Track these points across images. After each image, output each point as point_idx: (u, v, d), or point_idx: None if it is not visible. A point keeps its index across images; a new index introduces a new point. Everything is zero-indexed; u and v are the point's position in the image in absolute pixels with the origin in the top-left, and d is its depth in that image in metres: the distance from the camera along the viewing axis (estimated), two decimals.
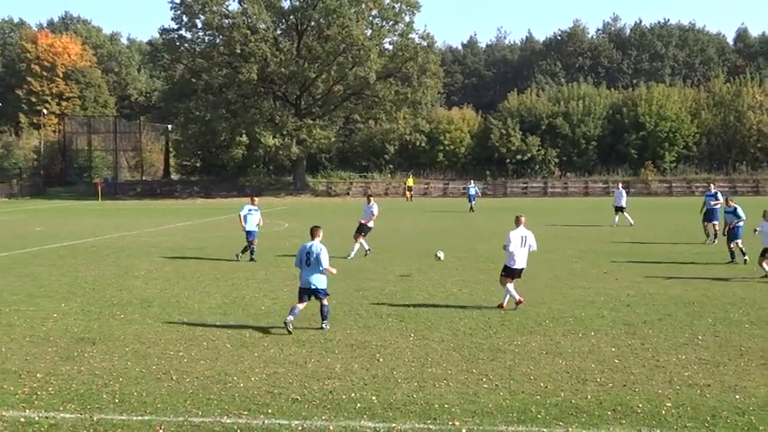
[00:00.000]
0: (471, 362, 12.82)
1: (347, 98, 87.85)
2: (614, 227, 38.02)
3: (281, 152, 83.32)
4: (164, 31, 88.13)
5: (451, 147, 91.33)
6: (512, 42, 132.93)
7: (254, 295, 19.21)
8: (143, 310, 17.41)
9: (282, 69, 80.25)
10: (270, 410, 10.43)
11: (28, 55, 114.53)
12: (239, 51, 79.66)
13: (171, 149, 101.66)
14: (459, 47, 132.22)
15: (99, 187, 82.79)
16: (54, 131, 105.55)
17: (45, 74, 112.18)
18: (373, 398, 10.91)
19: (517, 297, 17.23)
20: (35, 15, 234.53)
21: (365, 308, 17.53)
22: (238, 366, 12.61)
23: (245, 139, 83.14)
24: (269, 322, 15.92)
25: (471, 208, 54.94)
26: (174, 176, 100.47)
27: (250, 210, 27.33)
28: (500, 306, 17.29)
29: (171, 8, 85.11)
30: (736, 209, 25.89)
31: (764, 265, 20.98)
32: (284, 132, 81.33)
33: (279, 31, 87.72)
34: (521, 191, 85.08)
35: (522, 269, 17.66)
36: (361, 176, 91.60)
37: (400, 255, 27.89)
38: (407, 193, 78.09)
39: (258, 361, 12.93)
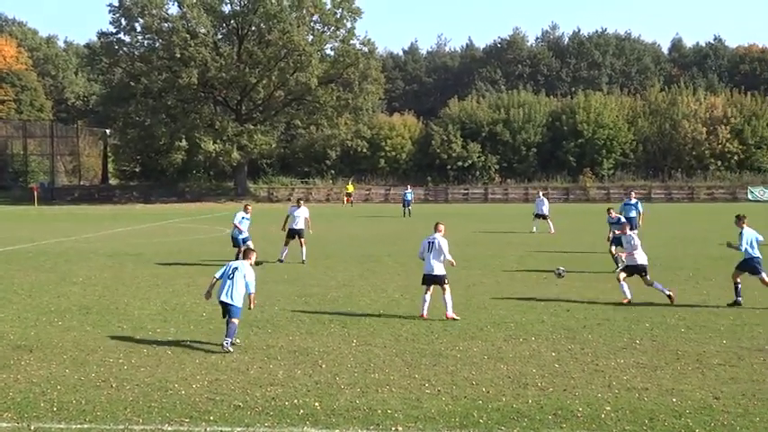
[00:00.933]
0: (414, 367, 12.88)
1: (288, 104, 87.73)
2: (533, 232, 38.65)
3: (221, 158, 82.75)
4: (102, 34, 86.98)
5: (393, 153, 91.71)
6: (452, 49, 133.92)
7: (194, 301, 19.03)
8: (81, 317, 17.16)
9: (223, 74, 79.82)
10: (212, 417, 10.36)
11: None
12: (179, 56, 79.02)
13: (109, 154, 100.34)
14: (401, 53, 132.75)
15: (35, 192, 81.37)
16: None
17: None
18: (316, 404, 10.89)
19: (425, 312, 16.94)
20: None
21: (307, 314, 17.50)
22: (179, 373, 12.50)
23: (184, 144, 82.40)
24: (210, 329, 15.79)
25: (406, 213, 55.35)
26: (113, 181, 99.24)
27: (243, 218, 26.88)
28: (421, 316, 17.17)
29: (109, 11, 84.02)
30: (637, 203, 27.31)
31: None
32: (225, 138, 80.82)
33: (219, 36, 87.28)
34: (462, 197, 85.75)
35: (437, 276, 17.05)
36: (302, 182, 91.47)
37: (342, 261, 27.89)
38: (347, 198, 78.10)
39: (200, 368, 12.83)
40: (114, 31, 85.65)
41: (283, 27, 79.12)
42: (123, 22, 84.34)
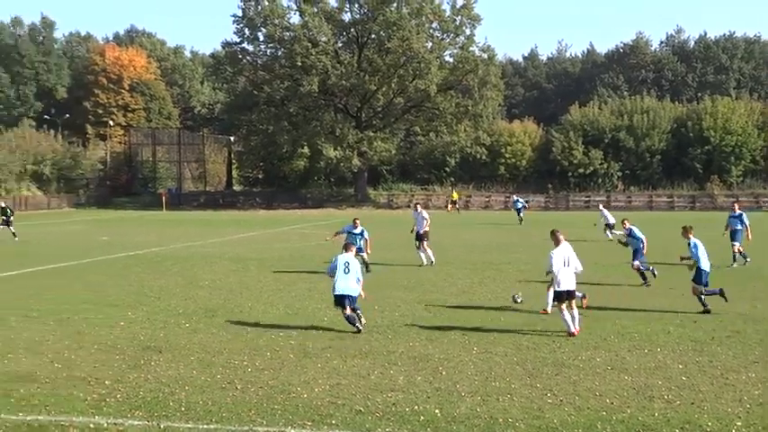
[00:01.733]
0: (535, 376, 12.70)
1: (408, 110, 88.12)
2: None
3: (342, 164, 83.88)
4: (226, 44, 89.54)
5: (513, 160, 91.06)
6: (573, 55, 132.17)
7: (316, 306, 19.27)
8: (208, 320, 17.60)
9: (343, 82, 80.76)
10: (333, 421, 10.45)
11: (95, 67, 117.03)
12: (300, 64, 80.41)
13: (233, 161, 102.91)
14: (520, 59, 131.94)
15: (163, 197, 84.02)
16: (120, 142, 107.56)
17: (111, 86, 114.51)
18: (436, 411, 10.86)
19: (573, 328, 15.75)
20: (102, 29, 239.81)
21: (428, 321, 17.49)
22: (302, 377, 12.66)
23: (306, 150, 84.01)
24: (332, 333, 15.96)
25: (521, 220, 54.74)
26: (237, 187, 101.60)
27: (349, 232, 25.75)
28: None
29: (234, 22, 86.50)
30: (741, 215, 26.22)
31: None
32: (345, 144, 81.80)
33: (340, 44, 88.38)
34: (583, 204, 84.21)
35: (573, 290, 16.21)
36: (422, 189, 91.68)
37: (462, 267, 27.78)
38: (452, 206, 77.80)
39: (321, 372, 12.97)
40: (238, 40, 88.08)
41: (403, 35, 79.55)
42: (247, 31, 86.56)
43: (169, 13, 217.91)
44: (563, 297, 15.91)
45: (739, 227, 28.64)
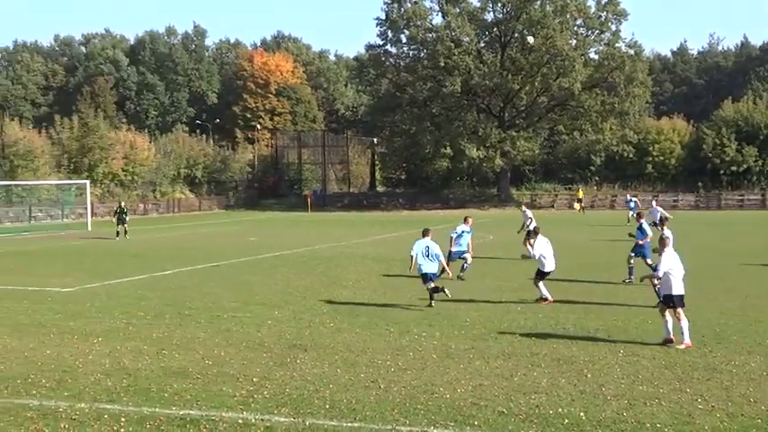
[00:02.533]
0: (685, 381, 12.30)
1: (551, 109, 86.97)
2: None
3: (484, 164, 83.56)
4: (370, 47, 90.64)
5: (661, 158, 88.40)
6: (725, 48, 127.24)
7: (459, 307, 19.26)
8: (351, 319, 17.83)
9: (486, 81, 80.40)
10: (476, 422, 10.40)
11: (244, 73, 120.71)
12: (443, 64, 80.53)
13: (377, 162, 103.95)
14: (669, 54, 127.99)
15: (309, 199, 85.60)
16: (267, 145, 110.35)
17: (259, 91, 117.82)
18: (581, 414, 10.67)
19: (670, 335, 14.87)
20: (250, 35, 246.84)
21: (572, 322, 17.21)
22: (444, 377, 12.67)
23: (449, 151, 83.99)
24: (474, 334, 15.92)
25: (629, 219, 52.75)
26: (380, 188, 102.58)
27: (463, 231, 25.60)
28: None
29: (377, 24, 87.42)
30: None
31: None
32: (488, 144, 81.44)
33: (482, 44, 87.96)
34: (736, 203, 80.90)
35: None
36: (565, 188, 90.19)
37: (607, 269, 27.20)
38: (577, 204, 76.05)
39: (464, 373, 12.95)
40: (381, 43, 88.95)
41: (546, 33, 78.55)
42: (390, 34, 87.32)
43: (314, 19, 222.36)
44: (672, 302, 15.00)
45: None
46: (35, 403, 11.42)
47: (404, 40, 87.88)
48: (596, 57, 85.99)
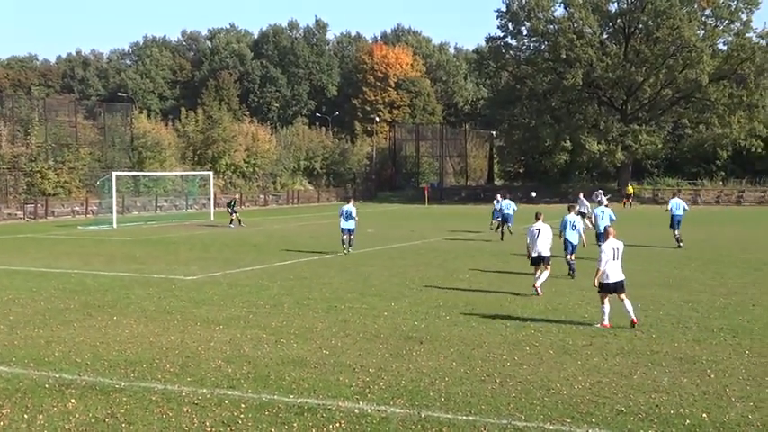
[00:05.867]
0: None
1: (676, 102, 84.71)
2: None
3: (605, 158, 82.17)
4: (490, 39, 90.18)
5: None
6: None
7: (577, 303, 19.00)
8: (467, 313, 17.77)
9: (608, 74, 78.97)
10: (593, 420, 10.23)
11: (364, 66, 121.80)
12: (564, 57, 79.55)
13: (495, 155, 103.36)
14: None
15: (426, 192, 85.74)
16: (385, 138, 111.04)
17: (378, 84, 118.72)
18: (703, 415, 10.36)
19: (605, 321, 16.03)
20: (370, 29, 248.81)
21: (694, 321, 16.73)
22: (561, 373, 12.51)
23: (568, 144, 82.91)
24: (592, 330, 15.66)
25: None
26: (498, 182, 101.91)
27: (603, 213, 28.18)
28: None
29: (497, 17, 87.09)
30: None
31: None
32: (609, 138, 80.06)
33: (605, 36, 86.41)
34: None
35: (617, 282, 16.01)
36: (690, 184, 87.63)
37: (733, 266, 26.36)
38: (625, 200, 73.64)
39: (581, 369, 12.75)
40: (502, 35, 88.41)
41: (673, 23, 76.56)
42: (510, 26, 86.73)
43: (434, 11, 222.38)
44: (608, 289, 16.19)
45: None
46: (159, 387, 11.81)
47: (524, 32, 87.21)
48: (725, 48, 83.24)
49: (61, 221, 57.63)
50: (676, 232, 32.68)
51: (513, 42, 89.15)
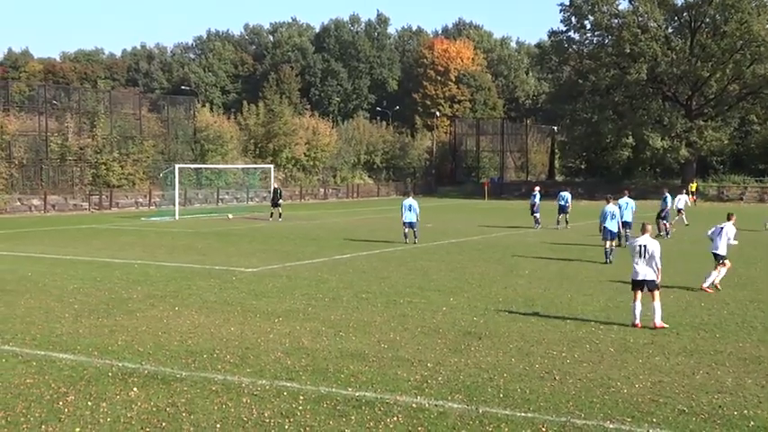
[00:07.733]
0: None
1: (743, 98, 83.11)
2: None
3: (669, 154, 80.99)
4: (552, 33, 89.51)
5: None
6: None
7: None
8: (526, 309, 17.64)
9: (673, 69, 77.83)
10: (654, 420, 10.08)
11: (424, 60, 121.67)
12: (628, 51, 78.62)
13: (556, 151, 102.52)
14: None
15: (486, 187, 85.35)
16: (445, 133, 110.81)
17: (439, 78, 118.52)
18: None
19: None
20: (431, 23, 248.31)
21: (760, 321, 16.39)
22: (622, 372, 12.34)
23: (631, 140, 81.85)
24: (653, 332, 15.41)
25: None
26: (559, 178, 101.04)
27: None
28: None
29: (560, 11, 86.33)
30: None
31: None
32: (673, 134, 78.92)
33: (670, 30, 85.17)
34: None
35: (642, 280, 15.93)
36: (757, 181, 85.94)
37: None
38: (690, 197, 71.96)
39: (642, 368, 12.57)
40: (564, 29, 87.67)
41: (741, 17, 75.12)
42: (573, 20, 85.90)
43: (496, 5, 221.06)
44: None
45: None
46: (220, 377, 11.93)
47: (588, 27, 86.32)
48: None
49: (125, 213, 58.62)
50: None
51: (576, 37, 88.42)
